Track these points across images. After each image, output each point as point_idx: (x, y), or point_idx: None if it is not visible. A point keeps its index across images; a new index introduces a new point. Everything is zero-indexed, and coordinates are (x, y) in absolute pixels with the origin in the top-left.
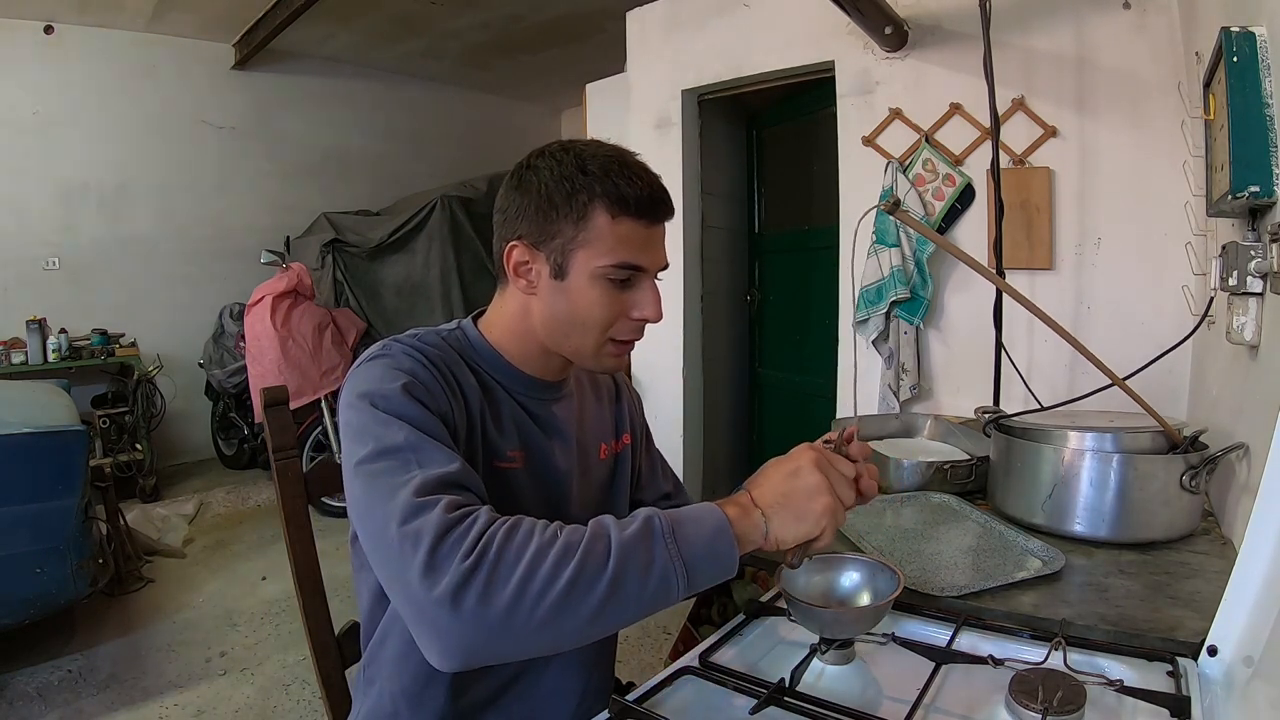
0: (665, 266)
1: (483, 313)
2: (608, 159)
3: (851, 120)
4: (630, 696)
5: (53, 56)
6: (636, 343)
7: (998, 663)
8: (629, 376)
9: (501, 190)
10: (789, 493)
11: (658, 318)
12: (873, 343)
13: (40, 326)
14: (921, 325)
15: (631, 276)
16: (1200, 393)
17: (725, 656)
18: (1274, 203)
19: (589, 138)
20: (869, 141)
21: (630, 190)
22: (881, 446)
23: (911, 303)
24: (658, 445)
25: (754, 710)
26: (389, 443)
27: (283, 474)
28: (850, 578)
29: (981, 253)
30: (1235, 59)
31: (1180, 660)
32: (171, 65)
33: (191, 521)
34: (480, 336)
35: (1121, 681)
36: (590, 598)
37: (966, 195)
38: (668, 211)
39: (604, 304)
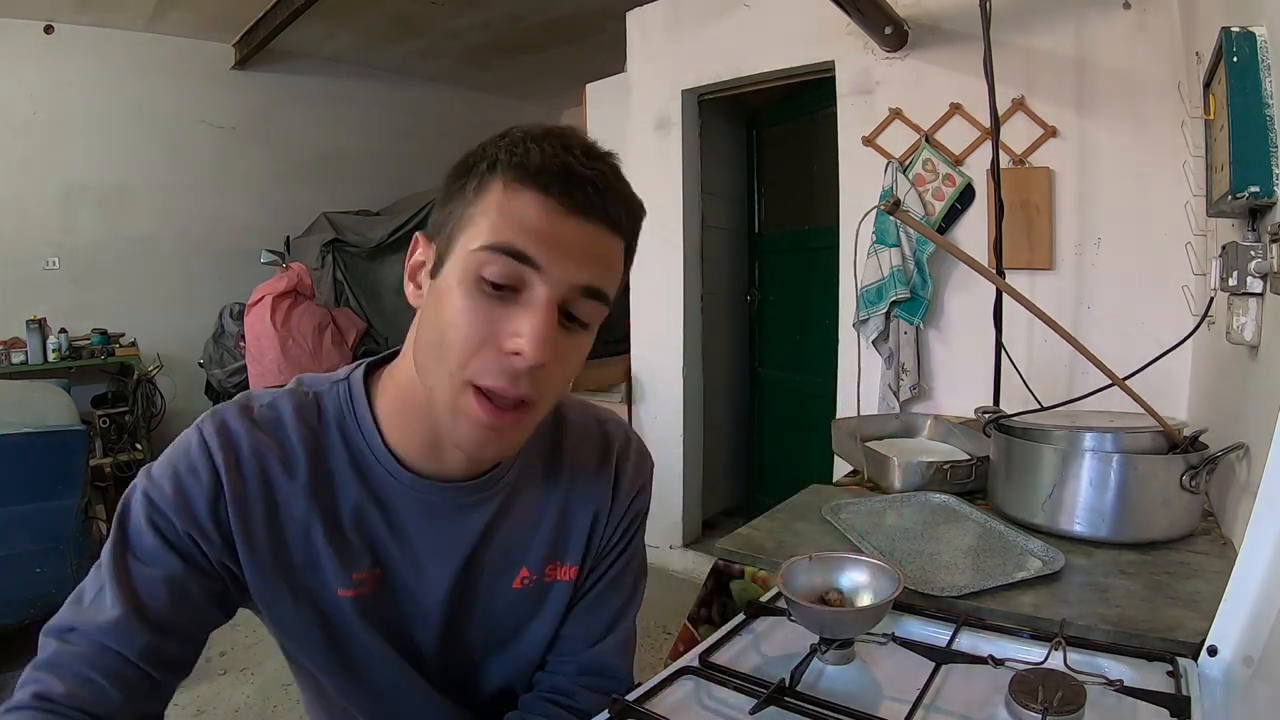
0: (590, 290)
1: (395, 354)
2: (541, 129)
3: (851, 120)
4: (630, 696)
5: (53, 56)
6: (516, 413)
7: (998, 663)
8: (628, 399)
9: None
10: None
11: (529, 353)
12: (873, 343)
13: (40, 326)
14: (921, 325)
15: (518, 282)
16: (1200, 393)
17: (725, 656)
18: (1274, 203)
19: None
20: (869, 141)
21: (540, 156)
22: (881, 446)
23: (911, 303)
24: (656, 464)
25: (754, 710)
26: (103, 556)
27: None
28: (850, 578)
29: (981, 253)
30: (1235, 59)
31: (1180, 660)
32: (171, 65)
33: None
34: (365, 401)
35: (1121, 681)
36: None
37: (966, 195)
38: (597, 204)
39: (467, 316)
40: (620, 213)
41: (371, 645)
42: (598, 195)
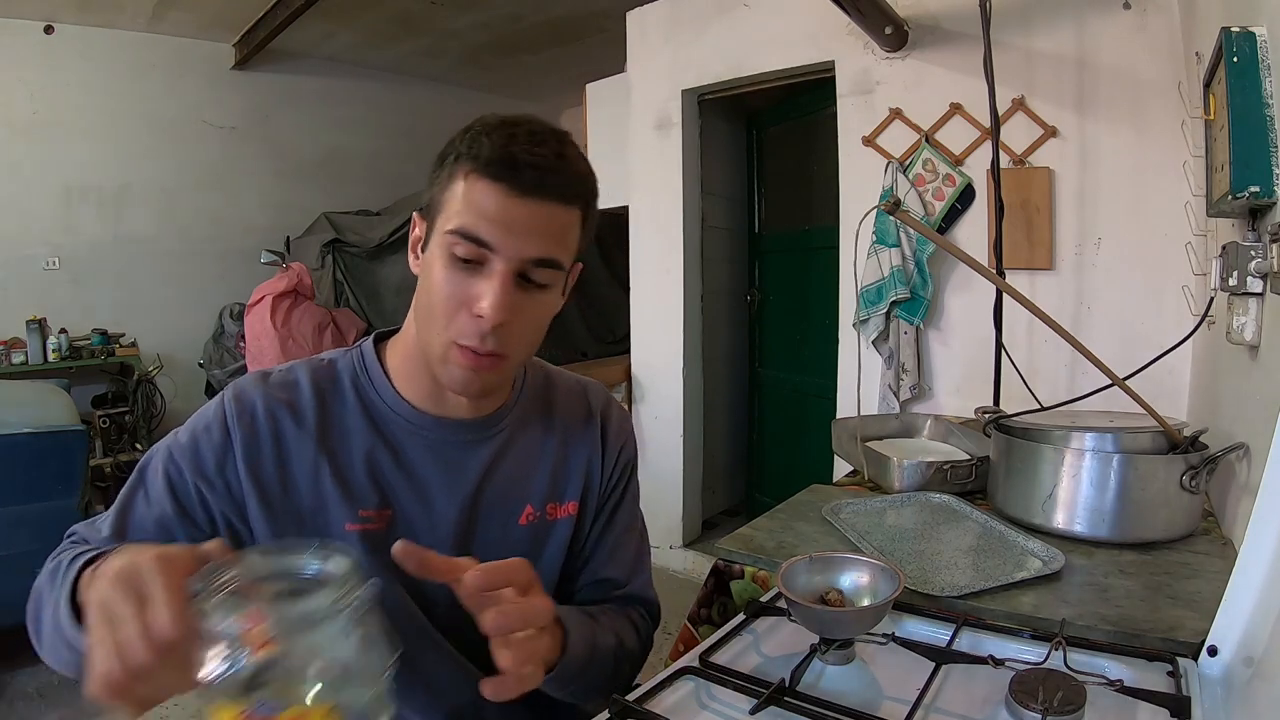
0: (542, 260)
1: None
2: (494, 118)
3: (851, 120)
4: (630, 696)
5: (53, 56)
6: (492, 361)
7: (998, 663)
8: (628, 399)
9: None
10: (107, 574)
11: (489, 315)
12: (873, 343)
13: (40, 326)
14: (921, 325)
15: (481, 257)
16: (1200, 393)
17: (725, 656)
18: (1274, 203)
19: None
20: (869, 141)
21: (491, 150)
22: (881, 446)
23: (911, 303)
24: (655, 464)
25: (754, 710)
26: (123, 490)
27: None
28: (850, 578)
29: (981, 253)
30: (1235, 59)
31: (1180, 660)
32: (171, 65)
33: None
34: (377, 363)
35: (1121, 681)
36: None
37: (966, 195)
38: (545, 184)
39: (443, 286)
40: (568, 188)
41: (383, 589)
42: (542, 178)
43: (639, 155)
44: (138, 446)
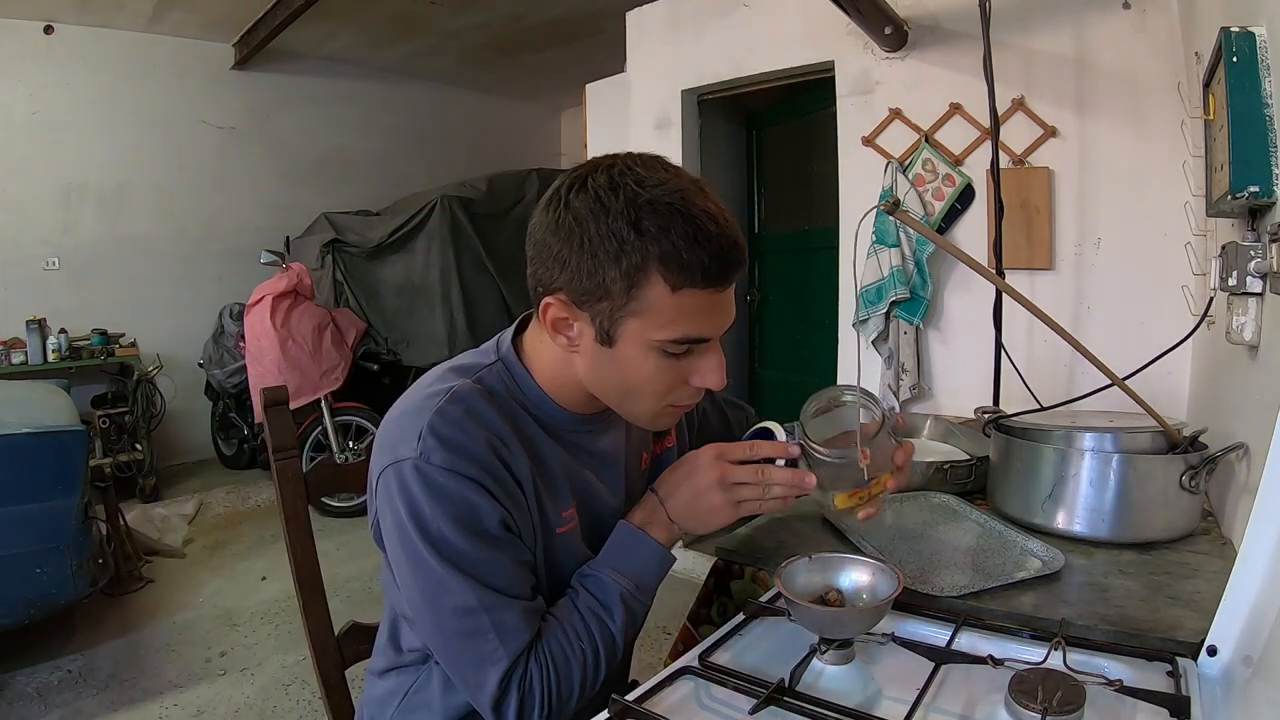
0: (732, 325)
1: (520, 332)
2: (669, 209)
3: (851, 120)
4: (630, 696)
5: (53, 56)
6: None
7: (997, 663)
8: None
9: (536, 218)
10: (690, 501)
11: (720, 386)
12: (872, 343)
13: (40, 326)
14: (921, 325)
15: (695, 345)
16: (1200, 393)
17: (725, 656)
18: (1274, 203)
19: (636, 159)
20: (869, 141)
21: (695, 256)
22: None
23: (911, 303)
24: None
25: (754, 710)
26: (459, 602)
27: (283, 474)
28: (850, 578)
29: (981, 253)
30: (1235, 59)
31: (1180, 660)
32: (171, 65)
33: (191, 521)
34: (527, 374)
35: (1121, 681)
36: (614, 667)
37: (966, 195)
38: (739, 268)
39: (660, 375)
40: (743, 264)
41: (584, 560)
42: (737, 266)
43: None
44: (137, 447)
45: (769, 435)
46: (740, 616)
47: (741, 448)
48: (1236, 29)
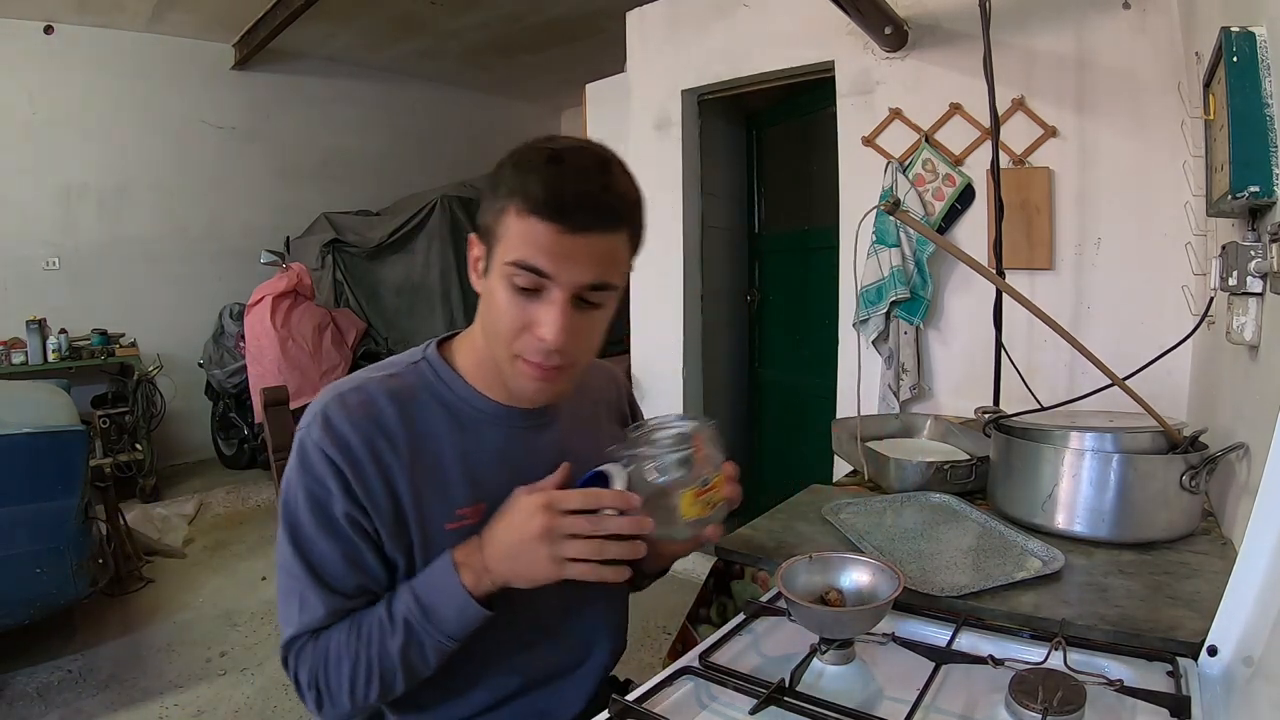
0: (596, 285)
1: (456, 334)
2: (546, 153)
3: (851, 120)
4: (630, 696)
5: (52, 56)
6: (557, 372)
7: (998, 663)
8: (629, 379)
9: None
10: (509, 551)
11: (551, 340)
12: (873, 343)
13: (40, 326)
14: (921, 325)
15: (539, 285)
16: (1200, 393)
17: (725, 656)
18: (1274, 203)
19: (583, 137)
20: (869, 141)
21: (546, 189)
22: (881, 446)
23: (911, 303)
24: None
25: (754, 710)
26: (286, 561)
27: (283, 474)
28: (850, 578)
29: (981, 253)
30: (1235, 59)
31: (1180, 660)
32: (171, 65)
33: (191, 521)
34: (449, 367)
35: (1121, 681)
36: (396, 688)
37: (966, 195)
38: (593, 220)
39: (508, 310)
40: (617, 215)
41: None
42: (594, 212)
43: (639, 155)
44: (138, 447)
45: (606, 481)
46: (740, 616)
47: (576, 496)
48: (1237, 29)
